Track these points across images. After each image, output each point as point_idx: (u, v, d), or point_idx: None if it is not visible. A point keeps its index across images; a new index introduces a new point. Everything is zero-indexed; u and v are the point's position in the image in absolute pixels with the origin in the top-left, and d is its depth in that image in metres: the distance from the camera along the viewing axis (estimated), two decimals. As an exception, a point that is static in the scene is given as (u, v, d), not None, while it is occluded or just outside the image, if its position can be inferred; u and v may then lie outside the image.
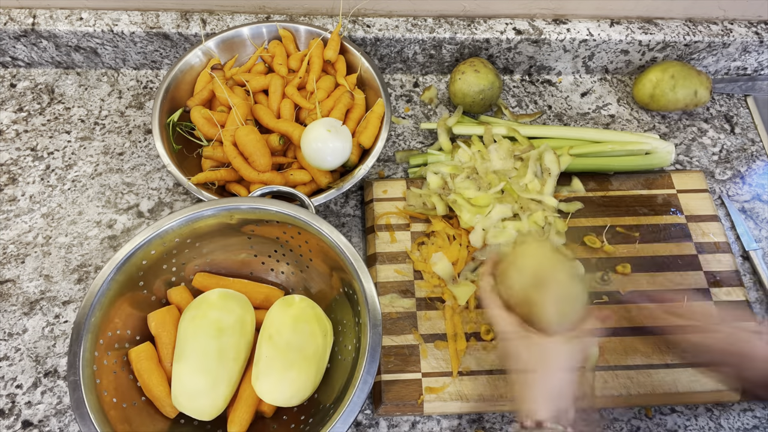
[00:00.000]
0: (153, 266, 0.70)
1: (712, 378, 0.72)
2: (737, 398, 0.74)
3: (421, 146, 0.95)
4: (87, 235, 0.85)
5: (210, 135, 0.83)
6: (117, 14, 0.94)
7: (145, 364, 0.67)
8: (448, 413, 0.74)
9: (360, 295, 0.66)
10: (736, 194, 0.93)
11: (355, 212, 0.88)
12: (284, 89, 0.86)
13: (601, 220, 0.85)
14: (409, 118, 0.98)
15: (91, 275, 0.82)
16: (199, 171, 0.83)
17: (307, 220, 0.69)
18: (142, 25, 0.93)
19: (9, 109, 0.95)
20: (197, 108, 0.84)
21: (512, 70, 1.03)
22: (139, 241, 0.67)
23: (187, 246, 0.72)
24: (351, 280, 0.68)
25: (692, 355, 0.67)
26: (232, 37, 0.90)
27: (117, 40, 0.94)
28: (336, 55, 0.89)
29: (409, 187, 0.87)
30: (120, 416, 0.62)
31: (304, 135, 0.78)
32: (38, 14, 0.93)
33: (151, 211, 0.87)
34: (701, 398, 0.74)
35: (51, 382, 0.75)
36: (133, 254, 0.66)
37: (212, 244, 0.74)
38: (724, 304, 0.79)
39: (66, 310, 0.79)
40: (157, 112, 0.82)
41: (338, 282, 0.72)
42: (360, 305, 0.66)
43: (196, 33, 0.93)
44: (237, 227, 0.72)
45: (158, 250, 0.69)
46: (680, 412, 0.76)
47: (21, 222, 0.85)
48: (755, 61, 1.03)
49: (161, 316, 0.70)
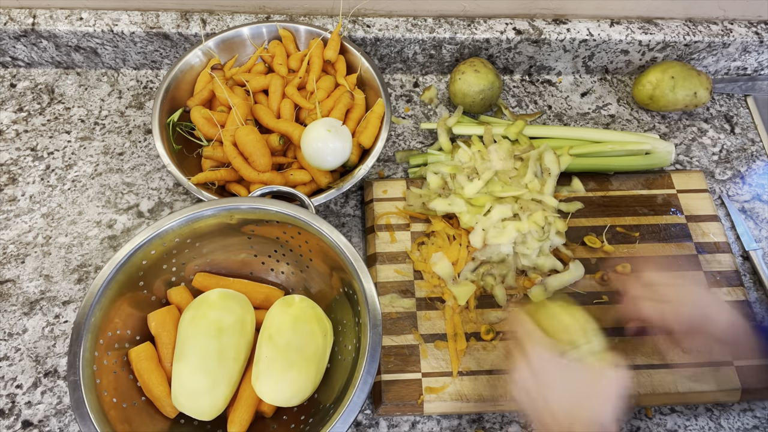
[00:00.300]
0: (153, 266, 0.70)
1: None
2: (737, 398, 0.74)
3: (421, 146, 0.95)
4: (87, 235, 0.85)
5: (210, 135, 0.83)
6: (117, 14, 0.94)
7: (145, 364, 0.67)
8: (448, 413, 0.74)
9: (360, 295, 0.66)
10: (736, 194, 0.93)
11: (355, 212, 0.88)
12: (284, 89, 0.86)
13: (601, 220, 0.85)
14: (409, 118, 0.98)
15: (91, 275, 0.82)
16: (199, 171, 0.83)
17: (307, 220, 0.69)
18: (142, 25, 0.93)
19: (9, 109, 0.95)
20: (197, 108, 0.84)
21: (512, 70, 1.03)
22: (139, 241, 0.67)
23: (187, 246, 0.72)
24: (351, 280, 0.68)
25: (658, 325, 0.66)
26: (232, 37, 0.90)
27: (117, 40, 0.94)
28: (336, 55, 0.89)
29: (409, 187, 0.87)
30: (120, 416, 0.62)
31: (304, 135, 0.78)
32: (38, 14, 0.93)
33: (151, 211, 0.87)
34: (701, 398, 0.74)
35: (51, 382, 0.75)
36: (133, 254, 0.66)
37: (212, 244, 0.74)
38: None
39: (66, 310, 0.79)
40: (157, 112, 0.82)
41: (338, 282, 0.72)
42: (360, 305, 0.66)
43: (196, 33, 0.93)
44: (237, 227, 0.72)
45: (158, 250, 0.69)
46: (680, 412, 0.76)
47: (21, 222, 0.85)
48: (755, 61, 1.03)
49: (161, 316, 0.70)
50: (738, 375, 0.74)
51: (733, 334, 0.62)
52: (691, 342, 0.65)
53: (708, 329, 0.62)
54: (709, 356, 0.75)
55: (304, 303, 0.70)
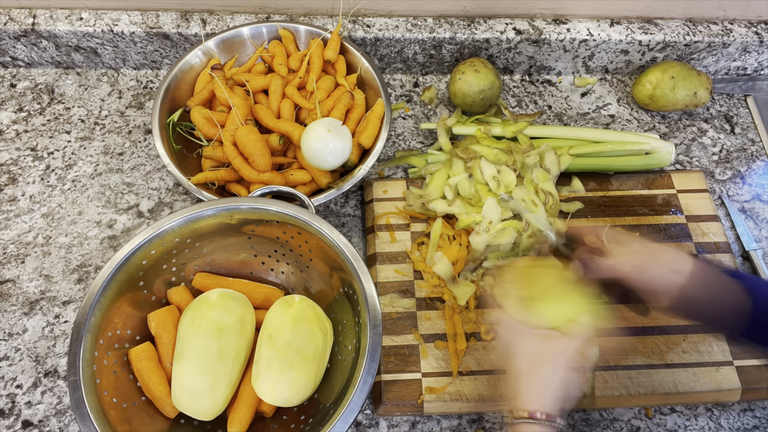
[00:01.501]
0: (153, 266, 0.70)
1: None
2: (737, 398, 0.74)
3: (421, 146, 0.95)
4: (87, 235, 0.85)
5: (210, 135, 0.83)
6: (117, 14, 0.94)
7: (145, 364, 0.67)
8: (448, 413, 0.74)
9: (360, 295, 0.66)
10: (736, 194, 0.93)
11: (355, 212, 0.88)
12: (284, 89, 0.86)
13: (601, 220, 0.85)
14: (409, 118, 0.98)
15: (91, 275, 0.82)
16: (199, 171, 0.83)
17: (307, 220, 0.69)
18: (142, 25, 0.93)
19: (9, 109, 0.95)
20: (197, 108, 0.84)
21: (512, 70, 1.03)
22: (139, 241, 0.67)
23: (187, 246, 0.72)
24: (351, 280, 0.68)
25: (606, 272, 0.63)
26: (232, 37, 0.90)
27: (117, 40, 0.94)
28: (336, 55, 0.89)
29: (409, 187, 0.87)
30: (120, 416, 0.62)
31: (304, 135, 0.78)
32: (38, 14, 0.93)
33: (151, 211, 0.87)
34: (701, 398, 0.74)
35: (51, 382, 0.75)
36: (133, 254, 0.66)
37: (212, 244, 0.74)
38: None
39: (66, 310, 0.79)
40: (157, 113, 0.82)
41: (338, 282, 0.72)
42: (360, 305, 0.66)
43: (196, 33, 0.93)
44: (237, 227, 0.73)
45: (158, 250, 0.69)
46: (680, 412, 0.76)
47: (21, 222, 0.85)
48: (755, 61, 1.03)
49: (161, 316, 0.70)
50: (738, 375, 0.74)
51: (700, 277, 0.60)
52: (664, 296, 0.62)
53: (675, 280, 0.60)
54: (709, 356, 0.75)
55: (304, 303, 0.70)
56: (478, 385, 0.73)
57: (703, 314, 0.61)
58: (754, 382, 0.74)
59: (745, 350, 0.75)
